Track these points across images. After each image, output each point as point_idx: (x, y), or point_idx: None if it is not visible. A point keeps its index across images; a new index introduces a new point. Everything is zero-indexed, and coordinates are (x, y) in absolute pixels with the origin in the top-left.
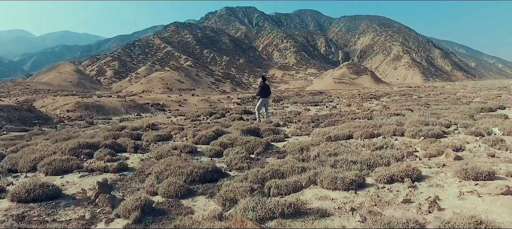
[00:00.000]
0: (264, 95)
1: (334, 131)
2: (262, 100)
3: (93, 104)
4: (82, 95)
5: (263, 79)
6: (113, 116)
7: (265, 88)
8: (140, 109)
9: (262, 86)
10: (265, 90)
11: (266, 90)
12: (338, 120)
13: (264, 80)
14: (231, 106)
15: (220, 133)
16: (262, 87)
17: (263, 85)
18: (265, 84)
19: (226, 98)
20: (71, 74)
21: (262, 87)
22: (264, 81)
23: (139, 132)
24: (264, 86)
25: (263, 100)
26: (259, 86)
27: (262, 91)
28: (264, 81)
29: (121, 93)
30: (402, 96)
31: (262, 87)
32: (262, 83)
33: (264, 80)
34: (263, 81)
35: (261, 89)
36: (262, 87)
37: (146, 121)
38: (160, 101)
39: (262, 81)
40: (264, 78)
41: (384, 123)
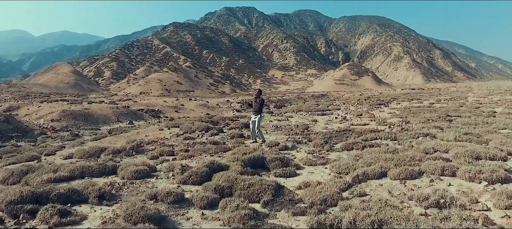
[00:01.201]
0: (260, 110)
1: (359, 164)
2: (261, 118)
3: (81, 112)
4: (72, 101)
5: (260, 93)
6: (102, 125)
7: (262, 103)
8: (133, 116)
9: (261, 101)
10: (262, 106)
11: (262, 106)
12: (357, 142)
13: (260, 93)
14: (230, 114)
15: (216, 167)
16: (261, 102)
17: (261, 99)
18: (261, 98)
19: (225, 102)
20: (68, 76)
21: (261, 101)
22: (261, 94)
23: (118, 159)
24: (261, 101)
25: (262, 117)
26: (256, 100)
27: (261, 107)
28: (260, 95)
29: (119, 94)
30: (410, 101)
31: (260, 102)
32: (259, 97)
33: (260, 93)
34: (259, 95)
35: (260, 104)
36: (261, 101)
37: (133, 137)
38: (155, 107)
39: (259, 94)
40: (260, 92)
41: (418, 151)
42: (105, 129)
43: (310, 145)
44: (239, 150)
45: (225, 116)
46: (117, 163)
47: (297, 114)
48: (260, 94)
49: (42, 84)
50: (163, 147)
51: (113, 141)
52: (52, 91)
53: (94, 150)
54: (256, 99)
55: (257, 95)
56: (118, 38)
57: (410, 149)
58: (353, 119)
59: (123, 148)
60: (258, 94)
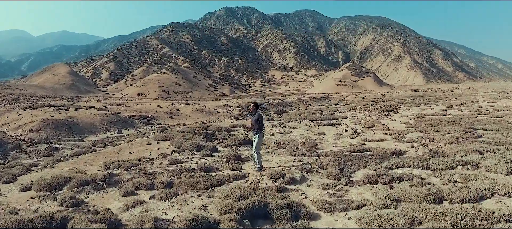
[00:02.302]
0: (260, 129)
1: (398, 220)
2: (261, 137)
3: (65, 121)
4: (59, 107)
5: (256, 107)
6: (88, 135)
7: (259, 121)
8: (123, 124)
9: (258, 117)
10: (259, 123)
11: (261, 120)
12: (381, 174)
13: (257, 107)
14: (227, 123)
15: (201, 226)
16: (259, 119)
17: (258, 115)
18: (258, 114)
19: (223, 107)
20: (65, 77)
21: (258, 118)
22: (257, 108)
23: (83, 195)
24: (259, 117)
25: (262, 137)
26: (253, 116)
27: (260, 124)
28: (257, 109)
29: (114, 97)
30: (419, 106)
31: (258, 118)
32: (256, 113)
33: (257, 107)
34: (256, 109)
35: (259, 121)
36: (258, 118)
37: (113, 156)
38: (149, 113)
39: (255, 108)
40: (257, 106)
41: (471, 193)
42: (90, 140)
43: (322, 175)
44: (235, 191)
45: (222, 125)
46: (71, 212)
47: (300, 124)
48: (256, 109)
49: (38, 86)
50: (142, 176)
51: (90, 161)
52: (47, 93)
53: (57, 180)
54: (252, 116)
55: (253, 111)
56: (117, 38)
57: (461, 190)
58: (365, 131)
59: (92, 178)
60: (254, 109)
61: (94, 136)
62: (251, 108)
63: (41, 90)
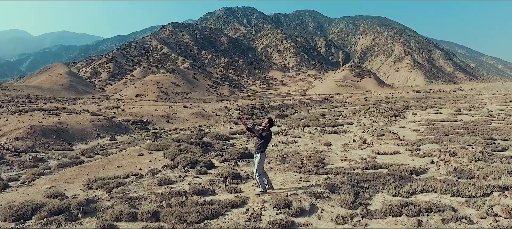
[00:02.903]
0: (264, 147)
1: None
2: (263, 157)
3: (53, 128)
4: (50, 111)
5: (270, 123)
6: (78, 143)
7: (269, 137)
8: (117, 130)
9: (268, 136)
10: (268, 139)
11: (269, 139)
12: (406, 203)
13: (271, 124)
14: (226, 129)
15: None
16: (268, 137)
17: (270, 133)
18: (271, 132)
19: (222, 109)
20: (63, 77)
21: (267, 137)
22: (271, 125)
23: (53, 228)
24: (269, 136)
25: (264, 156)
26: (263, 130)
27: (265, 141)
28: (271, 126)
29: (110, 99)
30: (425, 109)
31: (268, 137)
32: (267, 128)
33: (271, 124)
34: (270, 126)
35: (267, 139)
36: (267, 137)
37: (98, 173)
38: (144, 117)
39: (269, 125)
40: (272, 123)
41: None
42: (80, 148)
43: (335, 202)
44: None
45: (220, 132)
46: None
47: (304, 131)
48: (271, 125)
49: (35, 86)
50: (125, 202)
51: (73, 177)
52: (44, 94)
53: (26, 208)
54: (261, 132)
55: (267, 128)
56: (117, 38)
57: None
58: (374, 141)
59: (67, 206)
60: (269, 123)
61: (85, 143)
62: (264, 124)
63: (38, 91)
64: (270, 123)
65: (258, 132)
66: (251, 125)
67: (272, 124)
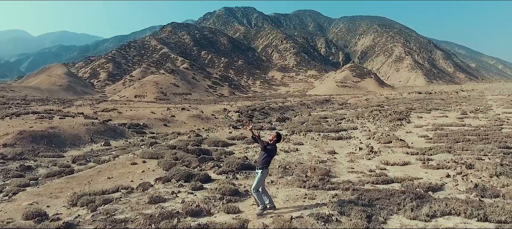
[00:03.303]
0: (267, 163)
1: None
2: (264, 173)
3: (45, 132)
4: (43, 114)
5: (278, 139)
6: (70, 149)
7: (273, 151)
8: (112, 134)
9: (273, 150)
10: (273, 154)
11: (273, 154)
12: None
13: (279, 139)
14: (225, 134)
15: None
16: (273, 152)
17: (275, 147)
18: (275, 146)
19: (222, 111)
20: (61, 78)
21: (272, 151)
22: (279, 140)
23: None
24: (274, 150)
25: (266, 173)
26: (268, 143)
27: (269, 155)
28: (278, 141)
29: (108, 100)
30: (429, 112)
31: (272, 152)
32: (274, 142)
33: (279, 139)
34: (277, 140)
35: (271, 154)
36: (272, 151)
37: (84, 187)
38: (141, 121)
39: (276, 139)
40: (279, 137)
41: None
42: (71, 155)
43: (345, 226)
44: None
45: (219, 137)
46: None
47: (306, 137)
48: (278, 140)
49: (33, 87)
50: (109, 224)
51: (58, 191)
52: (42, 95)
53: None
54: (266, 147)
55: (273, 142)
56: (116, 38)
57: None
58: (382, 149)
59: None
60: (277, 138)
61: (77, 149)
62: (272, 137)
63: (36, 92)
64: (278, 138)
65: (263, 143)
66: (258, 134)
67: (280, 139)
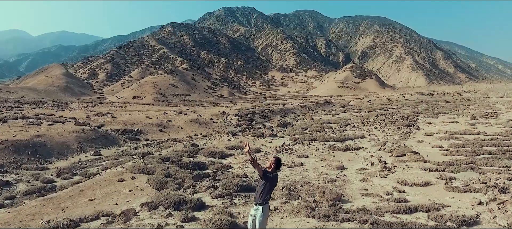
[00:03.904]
0: (268, 195)
1: None
2: (266, 211)
3: (29, 142)
4: (32, 120)
5: (278, 165)
6: (57, 159)
7: (274, 180)
8: (104, 141)
9: (274, 178)
10: (274, 183)
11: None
12: None
13: (278, 166)
14: (223, 142)
15: None
16: (273, 181)
17: (275, 175)
18: (275, 174)
19: (220, 115)
20: (59, 78)
21: (273, 180)
22: (279, 167)
23: None
24: (275, 179)
25: (268, 210)
26: (269, 173)
27: (270, 184)
28: (278, 168)
29: (104, 102)
30: (436, 116)
31: (273, 181)
32: (273, 169)
33: (278, 166)
34: (277, 167)
35: (272, 184)
36: (273, 180)
37: (60, 211)
38: (136, 126)
39: (277, 164)
40: (279, 163)
41: None
42: (57, 167)
43: None
44: None
45: (216, 147)
46: None
47: (311, 147)
48: (278, 166)
49: (30, 88)
50: None
51: (30, 217)
52: (39, 96)
53: None
54: (265, 175)
55: (273, 170)
56: (116, 38)
57: None
58: (395, 163)
59: None
60: (276, 164)
61: (64, 160)
62: (270, 164)
63: (32, 93)
64: (278, 164)
65: (261, 169)
66: (255, 158)
67: (280, 166)
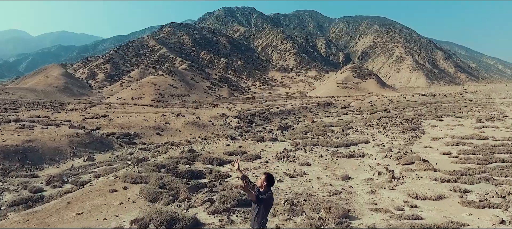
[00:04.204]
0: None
1: None
2: None
3: (19, 147)
4: (24, 123)
5: (270, 183)
6: (48, 165)
7: (269, 201)
8: (98, 146)
9: (268, 200)
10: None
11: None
12: None
13: (271, 183)
14: (222, 146)
15: None
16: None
17: (269, 197)
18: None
19: (220, 117)
20: (58, 79)
21: (268, 201)
22: (272, 184)
23: None
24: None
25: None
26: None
27: (265, 206)
28: (271, 185)
29: (101, 104)
30: (440, 118)
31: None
32: (265, 186)
33: (271, 183)
34: (270, 185)
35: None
36: (268, 201)
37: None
38: (132, 129)
39: (269, 182)
40: (271, 181)
41: None
42: (47, 174)
43: None
44: None
45: (215, 153)
46: None
47: (313, 154)
48: (271, 184)
49: (29, 89)
50: None
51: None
52: (37, 97)
53: None
54: (258, 198)
55: (265, 189)
56: (115, 38)
57: None
58: (404, 173)
59: None
60: (268, 182)
61: (56, 166)
62: (260, 182)
63: (30, 94)
64: (270, 181)
65: (253, 192)
66: (245, 183)
67: (273, 183)
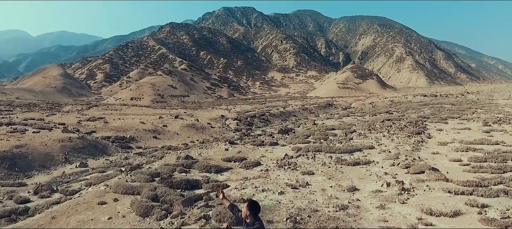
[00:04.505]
0: None
1: None
2: None
3: (8, 153)
4: (19, 125)
5: (253, 209)
6: (37, 173)
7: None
8: (92, 150)
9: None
10: None
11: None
12: None
13: (256, 211)
14: (220, 154)
15: None
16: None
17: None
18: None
19: (219, 119)
20: (56, 79)
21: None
22: (258, 212)
23: None
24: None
25: None
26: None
27: None
28: (257, 213)
29: (100, 105)
30: (445, 121)
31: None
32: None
33: (256, 211)
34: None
35: None
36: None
37: None
38: (128, 133)
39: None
40: (254, 207)
41: None
42: (35, 183)
43: None
44: None
45: (212, 160)
46: None
47: (315, 161)
48: (256, 212)
49: (27, 89)
50: None
51: None
52: (35, 97)
53: None
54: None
55: (251, 221)
56: (115, 38)
57: None
58: (414, 184)
59: None
60: (252, 211)
61: (46, 174)
62: (244, 213)
63: (28, 95)
64: (252, 209)
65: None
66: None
67: (259, 210)
